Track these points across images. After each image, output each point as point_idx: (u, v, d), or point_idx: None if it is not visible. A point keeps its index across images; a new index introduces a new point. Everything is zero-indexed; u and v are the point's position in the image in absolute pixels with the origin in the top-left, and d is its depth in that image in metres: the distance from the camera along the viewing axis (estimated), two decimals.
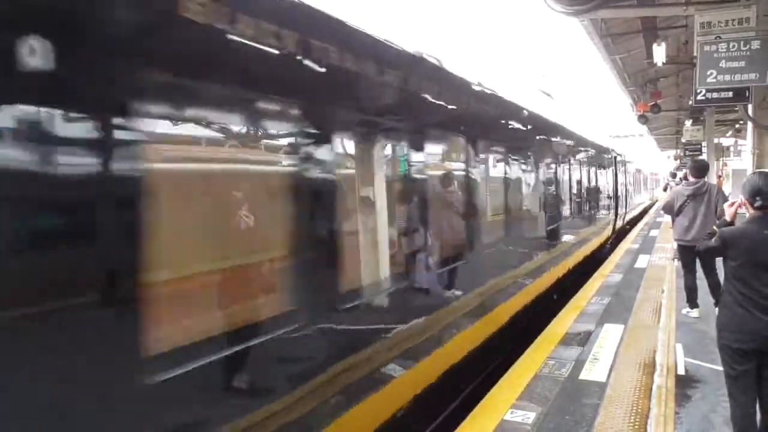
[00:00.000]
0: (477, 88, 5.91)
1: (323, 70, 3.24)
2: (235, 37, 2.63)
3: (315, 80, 3.23)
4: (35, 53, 1.81)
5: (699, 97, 9.70)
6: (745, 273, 3.41)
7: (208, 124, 2.79)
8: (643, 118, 19.45)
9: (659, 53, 12.70)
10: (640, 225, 21.16)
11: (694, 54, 9.40)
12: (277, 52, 2.91)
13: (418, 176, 4.49)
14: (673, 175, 24.51)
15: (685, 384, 4.89)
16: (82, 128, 2.01)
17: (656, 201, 37.97)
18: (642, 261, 11.74)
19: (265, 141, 3.21)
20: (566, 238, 10.32)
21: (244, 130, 3.03)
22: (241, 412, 2.69)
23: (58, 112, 1.91)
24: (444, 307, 4.90)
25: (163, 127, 2.51)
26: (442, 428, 4.89)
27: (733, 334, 3.44)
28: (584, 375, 5.10)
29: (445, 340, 4.83)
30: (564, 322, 7.03)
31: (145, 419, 2.21)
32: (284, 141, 3.22)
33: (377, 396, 3.72)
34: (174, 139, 2.66)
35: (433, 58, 4.83)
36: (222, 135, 2.90)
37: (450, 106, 5.14)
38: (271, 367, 2.97)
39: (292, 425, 2.93)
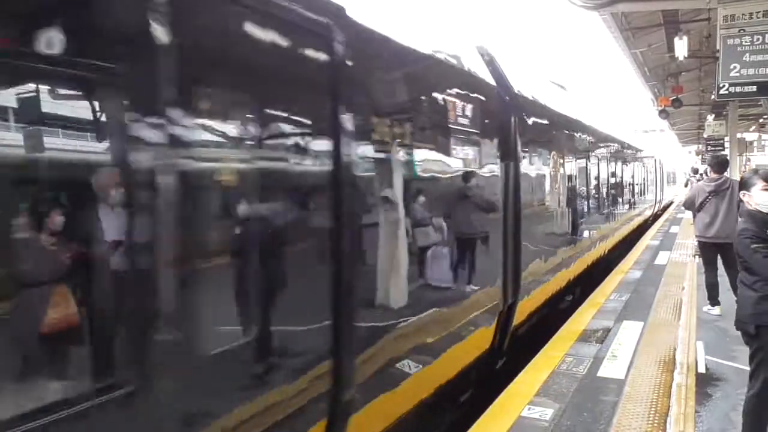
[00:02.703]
0: None
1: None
2: None
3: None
4: None
5: (722, 92, 9.53)
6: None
7: None
8: (663, 113, 19.17)
9: (681, 47, 12.51)
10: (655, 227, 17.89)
11: (717, 48, 9.25)
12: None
13: None
14: (695, 171, 23.72)
15: (705, 382, 4.84)
16: None
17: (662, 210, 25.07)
18: (662, 258, 11.59)
19: None
20: None
21: None
22: None
23: None
24: None
25: None
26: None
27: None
28: (602, 372, 5.06)
29: None
30: (582, 318, 6.97)
31: None
32: None
33: None
34: None
35: None
36: None
37: None
38: None
39: None
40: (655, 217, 21.67)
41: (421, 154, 3.77)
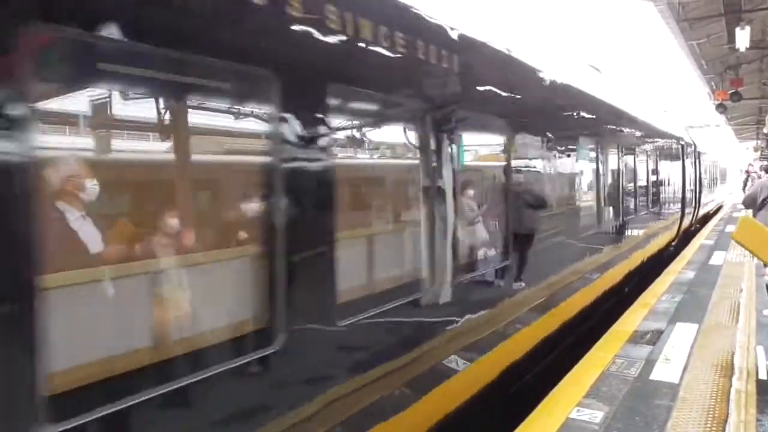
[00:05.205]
0: None
1: None
2: None
3: None
4: None
5: None
6: None
7: None
8: (721, 107, 18.38)
9: (743, 37, 11.93)
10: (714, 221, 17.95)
11: None
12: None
13: None
14: (766, 170, 22.14)
15: (767, 389, 4.59)
16: None
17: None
18: (717, 258, 11.12)
19: None
20: None
21: None
22: None
23: None
24: None
25: None
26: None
27: None
28: (655, 375, 4.87)
29: None
30: (632, 319, 6.75)
31: None
32: None
33: None
34: None
35: None
36: None
37: None
38: None
39: None
40: (687, 235, 15.30)
41: None
